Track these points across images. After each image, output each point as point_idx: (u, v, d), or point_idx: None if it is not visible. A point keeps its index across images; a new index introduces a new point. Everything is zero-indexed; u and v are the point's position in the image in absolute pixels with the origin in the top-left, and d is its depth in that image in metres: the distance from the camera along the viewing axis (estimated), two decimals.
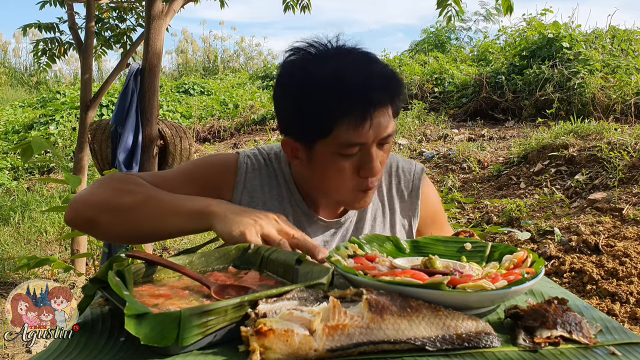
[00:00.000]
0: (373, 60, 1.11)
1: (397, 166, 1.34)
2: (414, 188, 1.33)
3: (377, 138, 1.08)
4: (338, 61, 1.08)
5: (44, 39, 4.91)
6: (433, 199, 1.38)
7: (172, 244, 4.91)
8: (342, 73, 1.05)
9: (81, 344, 0.68)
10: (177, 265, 0.87)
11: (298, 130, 1.12)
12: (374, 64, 1.10)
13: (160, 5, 3.36)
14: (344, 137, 1.06)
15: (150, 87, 3.35)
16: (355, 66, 1.07)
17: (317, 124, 1.07)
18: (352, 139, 1.06)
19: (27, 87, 12.72)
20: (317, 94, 1.05)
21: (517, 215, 4.16)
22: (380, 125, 1.07)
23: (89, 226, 1.16)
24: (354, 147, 1.08)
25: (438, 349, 0.65)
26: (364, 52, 1.12)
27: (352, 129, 1.05)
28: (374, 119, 1.05)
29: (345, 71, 1.05)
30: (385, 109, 1.08)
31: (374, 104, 1.05)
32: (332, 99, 1.04)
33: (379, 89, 1.06)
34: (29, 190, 6.53)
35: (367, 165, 1.09)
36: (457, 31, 11.34)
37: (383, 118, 1.07)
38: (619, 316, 2.82)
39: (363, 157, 1.09)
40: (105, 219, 1.10)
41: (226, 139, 8.31)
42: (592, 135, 5.02)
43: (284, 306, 0.67)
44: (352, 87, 1.04)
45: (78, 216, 1.14)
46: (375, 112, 1.05)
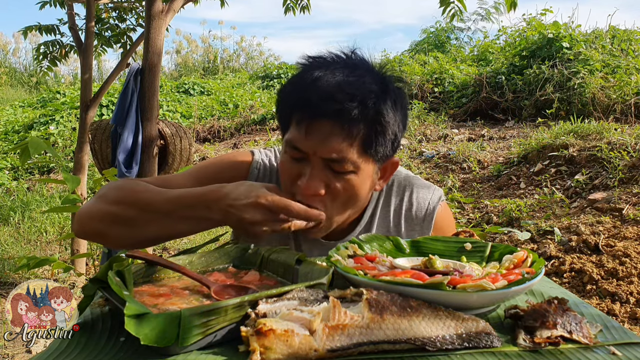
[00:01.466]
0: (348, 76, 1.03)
1: (412, 191, 1.27)
2: (427, 218, 1.26)
3: (317, 152, 1.02)
4: (325, 66, 1.05)
5: (45, 42, 4.90)
6: (447, 229, 1.29)
7: (172, 244, 4.91)
8: (315, 76, 1.03)
9: (81, 344, 0.68)
10: (177, 265, 0.87)
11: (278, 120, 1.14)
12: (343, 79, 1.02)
13: (160, 5, 3.36)
14: (290, 135, 1.06)
15: (150, 87, 3.35)
16: (330, 74, 1.03)
17: (280, 116, 1.11)
18: (293, 139, 1.05)
19: (27, 87, 12.72)
20: (286, 89, 1.09)
21: (517, 215, 4.16)
22: (321, 139, 1.01)
23: (99, 238, 1.17)
24: (295, 151, 1.05)
25: (438, 349, 0.65)
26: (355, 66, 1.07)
27: (296, 129, 1.04)
28: (314, 127, 1.02)
29: (319, 75, 1.03)
30: (335, 126, 1.01)
31: (317, 111, 1.01)
32: (292, 96, 1.07)
33: (329, 100, 1.00)
34: (29, 190, 6.53)
35: (304, 177, 1.04)
36: (457, 31, 11.34)
37: (328, 134, 1.01)
38: (619, 316, 2.82)
39: (305, 167, 1.05)
40: (112, 231, 1.08)
41: (226, 139, 8.31)
42: (592, 135, 5.02)
43: (284, 306, 0.67)
44: (309, 90, 1.02)
45: (85, 230, 1.14)
46: (316, 122, 1.01)
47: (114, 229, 1.08)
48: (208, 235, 5.05)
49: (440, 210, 1.27)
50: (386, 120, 1.03)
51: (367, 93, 1.02)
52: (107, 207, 1.08)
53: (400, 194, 1.27)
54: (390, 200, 1.27)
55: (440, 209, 1.28)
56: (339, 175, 1.05)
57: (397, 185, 1.28)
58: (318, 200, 1.04)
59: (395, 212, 1.26)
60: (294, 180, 1.06)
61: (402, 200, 1.26)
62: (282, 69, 11.48)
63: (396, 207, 1.26)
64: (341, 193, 1.06)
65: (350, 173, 1.05)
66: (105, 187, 1.16)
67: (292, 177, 1.07)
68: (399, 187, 1.27)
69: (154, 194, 1.06)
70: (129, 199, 1.07)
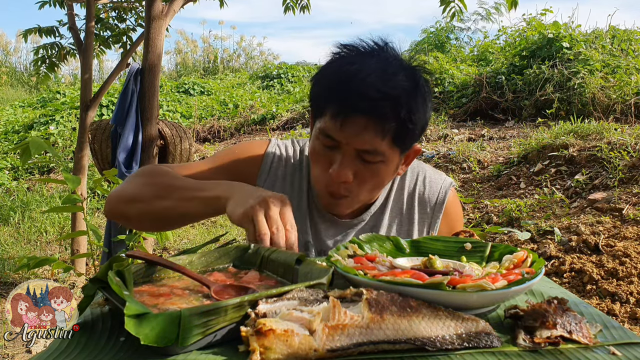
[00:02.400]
0: (383, 74, 1.07)
1: (425, 176, 1.34)
2: (439, 201, 1.32)
3: (350, 143, 1.09)
4: (360, 60, 1.11)
5: (44, 45, 4.85)
6: (455, 215, 1.36)
7: (172, 244, 4.91)
8: (352, 69, 1.08)
9: (81, 344, 0.68)
10: (177, 265, 0.87)
11: (311, 105, 1.19)
12: (379, 77, 1.07)
13: (160, 5, 3.36)
14: (324, 123, 1.11)
15: (150, 87, 3.35)
16: (360, 70, 1.08)
17: (316, 102, 1.15)
18: (327, 129, 1.10)
19: (27, 87, 12.71)
20: (326, 78, 1.14)
21: (517, 215, 4.16)
22: (356, 132, 1.07)
23: (123, 219, 1.26)
24: (328, 139, 1.11)
25: (438, 349, 0.65)
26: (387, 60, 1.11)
27: (331, 120, 1.09)
28: (349, 121, 1.07)
29: (356, 69, 1.08)
30: (368, 121, 1.06)
31: (352, 107, 1.06)
32: (329, 85, 1.12)
33: (365, 99, 1.05)
34: (29, 190, 6.53)
35: (336, 166, 1.11)
36: (457, 31, 11.33)
37: (362, 128, 1.07)
38: (619, 316, 2.82)
39: (337, 155, 1.11)
40: (133, 211, 1.16)
41: (226, 139, 8.31)
42: (592, 135, 5.02)
43: (284, 306, 0.67)
44: (344, 86, 1.08)
45: (113, 210, 1.22)
46: (352, 116, 1.07)
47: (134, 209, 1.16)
48: (208, 235, 5.05)
49: (451, 195, 1.34)
50: (417, 117, 1.10)
51: (401, 91, 1.07)
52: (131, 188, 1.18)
53: (413, 177, 1.33)
54: (404, 183, 1.33)
55: (451, 194, 1.34)
56: (368, 164, 1.12)
57: (410, 170, 1.34)
58: (346, 187, 1.14)
59: (409, 195, 1.32)
60: (325, 168, 1.13)
61: (416, 184, 1.33)
62: (282, 69, 11.48)
63: (410, 189, 1.32)
64: (368, 180, 1.14)
65: (379, 163, 1.12)
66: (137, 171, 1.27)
67: (323, 164, 1.14)
68: (412, 172, 1.34)
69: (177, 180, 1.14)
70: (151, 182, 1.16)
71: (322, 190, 1.18)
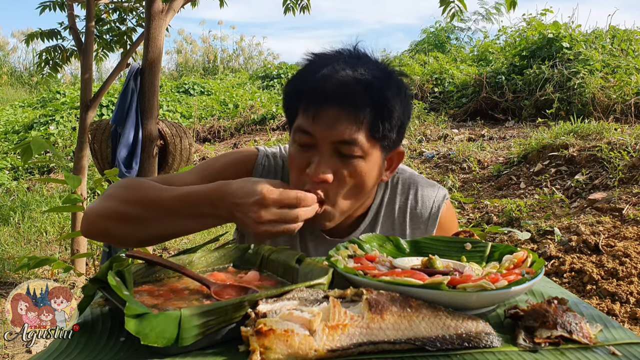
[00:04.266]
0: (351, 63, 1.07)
1: (417, 190, 1.28)
2: (432, 216, 1.27)
3: (327, 136, 1.05)
4: (329, 60, 1.09)
5: (47, 48, 4.88)
6: (450, 228, 1.30)
7: (172, 244, 4.91)
8: (321, 67, 1.07)
9: (81, 344, 0.68)
10: (177, 265, 0.87)
11: (286, 116, 1.16)
12: (347, 66, 1.06)
13: (160, 5, 3.36)
14: (298, 122, 1.09)
15: (150, 87, 3.35)
16: (335, 64, 1.07)
17: (288, 105, 1.13)
18: (302, 125, 1.07)
19: (27, 87, 12.71)
20: (293, 79, 1.13)
21: (517, 215, 4.16)
22: (329, 123, 1.04)
23: (104, 236, 1.18)
24: (304, 135, 1.07)
25: (438, 349, 0.65)
26: (358, 57, 1.10)
27: (304, 116, 1.07)
28: (321, 112, 1.04)
29: (325, 66, 1.07)
30: (342, 110, 1.04)
31: (324, 96, 1.04)
32: (299, 84, 1.10)
33: (336, 85, 1.03)
34: (29, 190, 6.53)
35: (312, 164, 1.06)
36: (457, 31, 11.33)
37: (336, 118, 1.04)
38: (619, 316, 2.82)
39: (314, 155, 1.07)
40: (119, 229, 1.09)
41: (226, 139, 8.31)
42: (592, 135, 5.02)
43: (284, 306, 0.67)
44: (314, 76, 1.06)
45: (92, 228, 1.14)
46: (324, 106, 1.04)
47: (121, 227, 1.09)
48: (208, 235, 5.05)
49: (444, 209, 1.28)
50: (392, 105, 1.06)
51: (372, 79, 1.05)
52: (114, 205, 1.09)
53: (405, 191, 1.28)
54: (395, 197, 1.27)
55: (445, 207, 1.29)
56: (347, 160, 1.06)
57: (402, 184, 1.28)
58: (325, 188, 1.07)
59: (400, 210, 1.27)
60: (303, 169, 1.08)
61: (408, 199, 1.27)
62: (282, 69, 11.48)
63: (401, 204, 1.27)
64: (349, 179, 1.08)
65: (358, 158, 1.07)
66: (112, 185, 1.17)
67: (300, 166, 1.09)
68: (404, 185, 1.28)
69: (160, 191, 1.07)
70: (136, 197, 1.08)
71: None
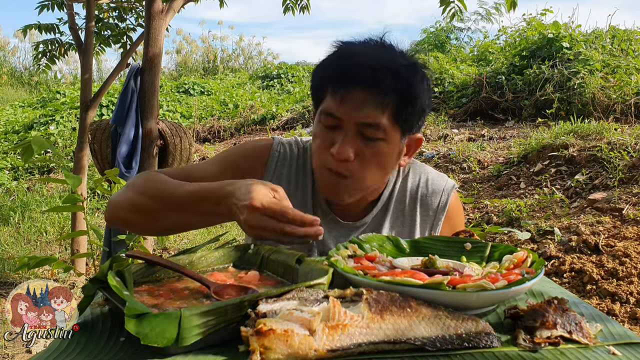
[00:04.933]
0: (379, 51, 1.12)
1: (427, 178, 1.33)
2: (441, 204, 1.31)
3: (352, 118, 1.09)
4: (357, 46, 1.14)
5: (44, 40, 4.91)
6: (457, 217, 1.35)
7: (172, 244, 4.91)
8: (349, 53, 1.13)
9: (81, 344, 0.68)
10: (177, 265, 0.87)
11: (311, 95, 1.20)
12: (375, 53, 1.11)
13: (160, 5, 3.36)
14: (325, 104, 1.12)
15: (150, 87, 3.35)
16: (362, 49, 1.12)
17: (316, 89, 1.17)
18: (328, 107, 1.11)
19: (27, 87, 12.71)
20: (324, 63, 1.16)
21: (517, 215, 4.16)
22: (356, 106, 1.08)
23: (126, 226, 1.25)
24: (329, 118, 1.11)
25: (438, 349, 0.65)
26: (385, 45, 1.15)
27: (331, 99, 1.11)
28: (349, 95, 1.09)
29: (353, 52, 1.12)
30: (367, 94, 1.08)
31: (353, 80, 1.08)
32: (328, 67, 1.14)
33: (365, 70, 1.07)
34: (29, 190, 6.53)
35: (337, 144, 1.10)
36: (457, 31, 11.33)
37: (363, 101, 1.08)
38: (619, 316, 2.82)
39: (338, 135, 1.11)
40: (137, 219, 1.15)
41: (226, 139, 8.31)
42: (592, 135, 5.02)
43: (284, 306, 0.67)
44: (344, 61, 1.11)
45: (114, 217, 1.20)
46: (352, 89, 1.08)
47: (139, 218, 1.14)
48: (208, 235, 5.05)
49: (453, 199, 1.33)
50: (416, 92, 1.11)
51: (399, 66, 1.09)
52: (133, 197, 1.15)
53: (416, 179, 1.32)
54: (406, 184, 1.32)
55: (454, 198, 1.34)
56: (369, 142, 1.11)
57: (412, 172, 1.33)
58: (348, 166, 1.11)
59: (411, 196, 1.31)
60: (327, 148, 1.12)
61: (419, 186, 1.32)
62: (282, 69, 11.48)
63: (412, 191, 1.31)
64: (370, 160, 1.12)
65: (380, 140, 1.11)
66: (134, 177, 1.25)
67: (324, 145, 1.13)
68: (415, 173, 1.33)
69: (174, 187, 1.10)
70: (152, 191, 1.13)
71: (322, 170, 1.15)
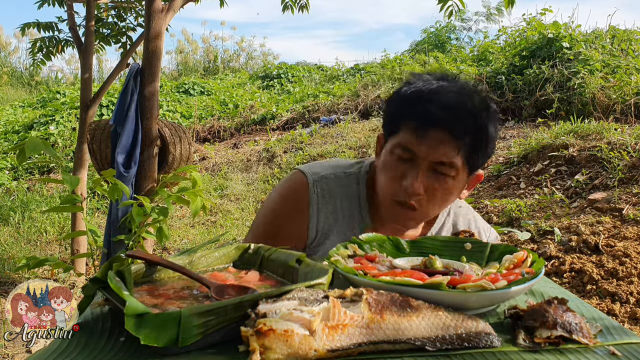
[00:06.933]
0: (461, 93, 1.17)
1: (477, 221, 1.42)
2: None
3: (429, 156, 1.14)
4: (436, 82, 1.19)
5: (42, 38, 4.93)
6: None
7: (172, 244, 4.91)
8: (426, 90, 1.17)
9: (81, 344, 0.68)
10: (177, 265, 0.87)
11: (384, 125, 1.26)
12: (457, 95, 1.16)
13: (159, 4, 3.35)
14: (402, 138, 1.18)
15: (150, 87, 3.35)
16: (440, 89, 1.16)
17: (392, 120, 1.22)
18: (406, 143, 1.16)
19: (27, 87, 12.71)
20: (401, 98, 1.21)
21: (517, 215, 4.16)
22: (434, 145, 1.13)
23: None
24: (406, 152, 1.16)
25: (438, 349, 0.65)
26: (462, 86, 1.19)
27: (410, 134, 1.16)
28: (429, 134, 1.13)
29: (430, 90, 1.17)
30: (446, 134, 1.13)
31: (435, 120, 1.13)
32: (406, 103, 1.19)
33: (444, 111, 1.13)
34: (29, 190, 6.53)
35: (409, 178, 1.16)
36: (457, 31, 11.33)
37: (440, 140, 1.13)
38: (619, 316, 2.82)
39: (410, 169, 1.16)
40: None
41: (226, 139, 8.31)
42: (592, 135, 5.02)
43: (284, 306, 0.66)
44: (423, 100, 1.16)
45: None
46: (432, 129, 1.13)
47: None
48: (208, 235, 5.05)
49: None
50: (490, 137, 1.18)
51: (478, 110, 1.16)
52: None
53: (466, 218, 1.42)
54: (458, 220, 1.40)
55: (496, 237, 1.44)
56: (440, 178, 1.17)
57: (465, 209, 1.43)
58: (419, 200, 1.18)
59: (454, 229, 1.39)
60: (397, 180, 1.18)
61: (469, 225, 1.41)
62: (282, 69, 11.48)
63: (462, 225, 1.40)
64: (438, 195, 1.19)
65: (450, 178, 1.17)
66: None
67: (395, 176, 1.19)
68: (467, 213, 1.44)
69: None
70: None
71: (389, 199, 1.21)
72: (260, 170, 6.66)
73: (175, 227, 5.40)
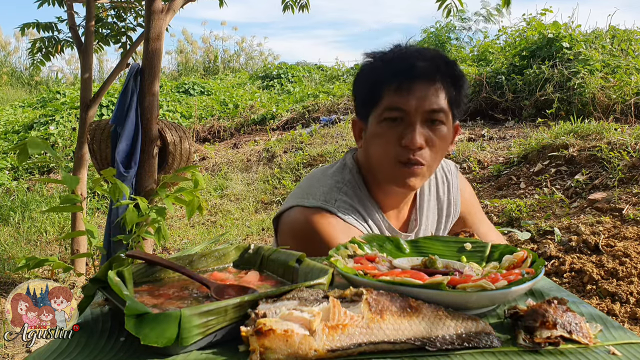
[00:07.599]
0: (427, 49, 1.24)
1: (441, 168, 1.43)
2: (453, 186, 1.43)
3: (419, 109, 1.17)
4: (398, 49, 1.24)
5: (42, 38, 4.93)
6: (469, 192, 1.48)
7: (172, 244, 4.91)
8: (395, 54, 1.23)
9: (81, 344, 0.68)
10: (177, 265, 0.87)
11: (359, 106, 1.28)
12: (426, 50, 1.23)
13: (159, 4, 3.35)
14: (388, 101, 1.19)
15: (150, 87, 3.35)
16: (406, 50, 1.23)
17: (370, 94, 1.23)
18: (394, 103, 1.18)
19: (27, 87, 12.71)
20: (373, 69, 1.24)
21: (517, 215, 4.16)
22: (423, 97, 1.17)
23: None
24: (396, 111, 1.18)
25: (438, 349, 0.65)
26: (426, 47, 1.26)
27: (394, 95, 1.18)
28: (415, 87, 1.17)
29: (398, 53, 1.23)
30: (431, 84, 1.18)
31: (416, 73, 1.17)
32: (381, 71, 1.22)
33: (423, 62, 1.18)
34: (29, 190, 6.53)
35: (408, 134, 1.17)
36: (457, 31, 11.33)
37: (427, 91, 1.17)
38: (619, 316, 2.82)
39: (405, 127, 1.18)
40: None
41: (226, 139, 8.31)
42: (592, 135, 5.02)
43: (284, 306, 0.66)
44: (398, 60, 1.21)
45: None
46: (417, 81, 1.17)
47: None
48: (208, 235, 5.05)
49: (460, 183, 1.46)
50: (464, 80, 1.24)
51: (445, 58, 1.23)
52: None
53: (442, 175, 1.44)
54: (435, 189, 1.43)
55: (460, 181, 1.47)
56: (434, 126, 1.20)
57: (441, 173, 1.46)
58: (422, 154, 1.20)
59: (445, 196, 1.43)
60: (393, 143, 1.19)
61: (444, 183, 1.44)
62: (282, 69, 11.48)
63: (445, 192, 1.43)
64: (436, 144, 1.21)
65: (442, 124, 1.21)
66: None
67: (389, 141, 1.20)
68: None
69: None
70: None
71: (392, 163, 1.21)
72: (260, 170, 6.66)
73: (175, 227, 5.40)
